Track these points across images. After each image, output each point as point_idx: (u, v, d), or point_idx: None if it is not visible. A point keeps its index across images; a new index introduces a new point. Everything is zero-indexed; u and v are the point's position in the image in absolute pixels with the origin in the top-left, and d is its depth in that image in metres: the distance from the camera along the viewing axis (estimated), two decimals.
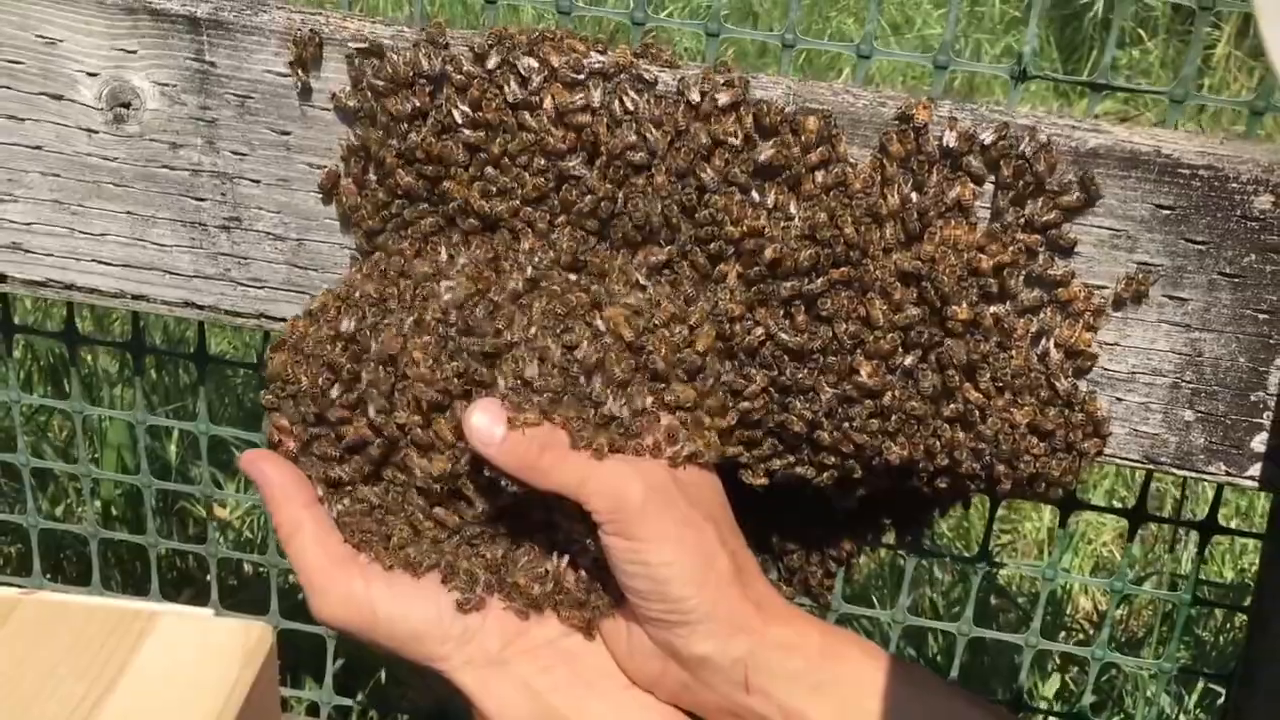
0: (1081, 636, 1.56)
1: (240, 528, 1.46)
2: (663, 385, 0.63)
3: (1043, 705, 1.33)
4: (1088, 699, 0.82)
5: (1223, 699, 1.23)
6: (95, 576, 0.87)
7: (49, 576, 0.90)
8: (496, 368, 0.62)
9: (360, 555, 0.64)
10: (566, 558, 0.65)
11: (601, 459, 0.60)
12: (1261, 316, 0.64)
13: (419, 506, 0.65)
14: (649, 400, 0.62)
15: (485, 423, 0.60)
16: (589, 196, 0.64)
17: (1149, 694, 1.26)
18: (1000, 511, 1.74)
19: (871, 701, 0.61)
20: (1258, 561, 0.71)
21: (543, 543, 0.65)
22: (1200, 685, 1.39)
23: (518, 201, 0.65)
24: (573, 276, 0.65)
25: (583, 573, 0.65)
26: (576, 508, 0.61)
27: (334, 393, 0.64)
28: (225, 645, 0.46)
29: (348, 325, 0.64)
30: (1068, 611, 1.60)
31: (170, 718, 0.44)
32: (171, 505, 1.41)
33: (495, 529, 0.65)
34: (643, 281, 0.65)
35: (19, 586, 0.87)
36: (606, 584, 0.64)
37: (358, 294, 0.65)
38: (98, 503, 1.35)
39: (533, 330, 0.62)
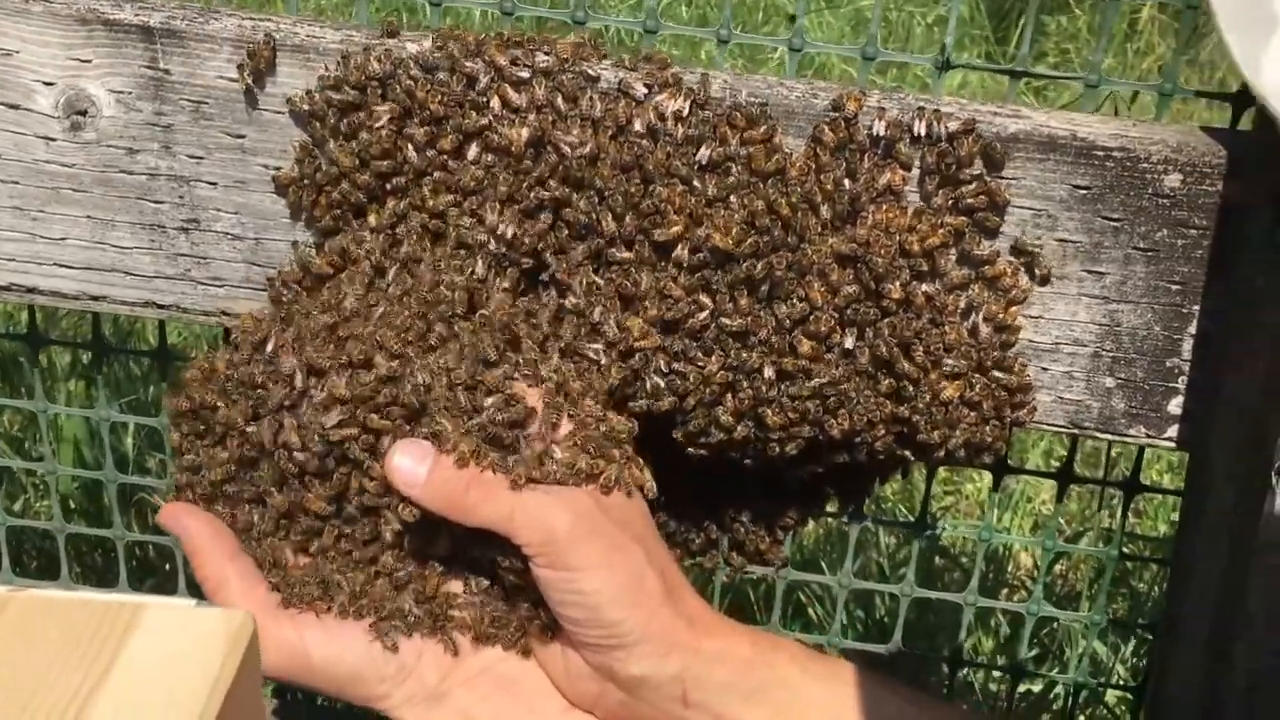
0: (1023, 593, 1.61)
1: None
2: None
3: (984, 660, 1.38)
4: (1025, 653, 0.86)
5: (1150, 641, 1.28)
6: (64, 570, 0.89)
7: (13, 571, 0.92)
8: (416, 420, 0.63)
9: (287, 605, 0.65)
10: (498, 587, 0.66)
11: (525, 490, 0.61)
12: (1174, 287, 0.68)
13: (344, 549, 0.67)
14: (566, 429, 0.64)
15: (409, 464, 0.61)
16: (537, 189, 0.67)
17: (1084, 646, 1.31)
18: (942, 474, 1.79)
19: (800, 705, 0.64)
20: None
21: (470, 574, 0.67)
22: (1136, 636, 1.44)
23: (461, 195, 0.67)
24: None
25: (515, 600, 0.66)
26: (504, 539, 0.61)
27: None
28: (209, 633, 0.49)
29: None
30: (1009, 569, 1.65)
31: (161, 705, 0.46)
32: (131, 497, 1.43)
33: (422, 565, 0.66)
34: (549, 352, 0.67)
35: None
36: (539, 609, 0.65)
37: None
38: (57, 496, 1.36)
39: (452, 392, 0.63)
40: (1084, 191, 0.67)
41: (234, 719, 0.49)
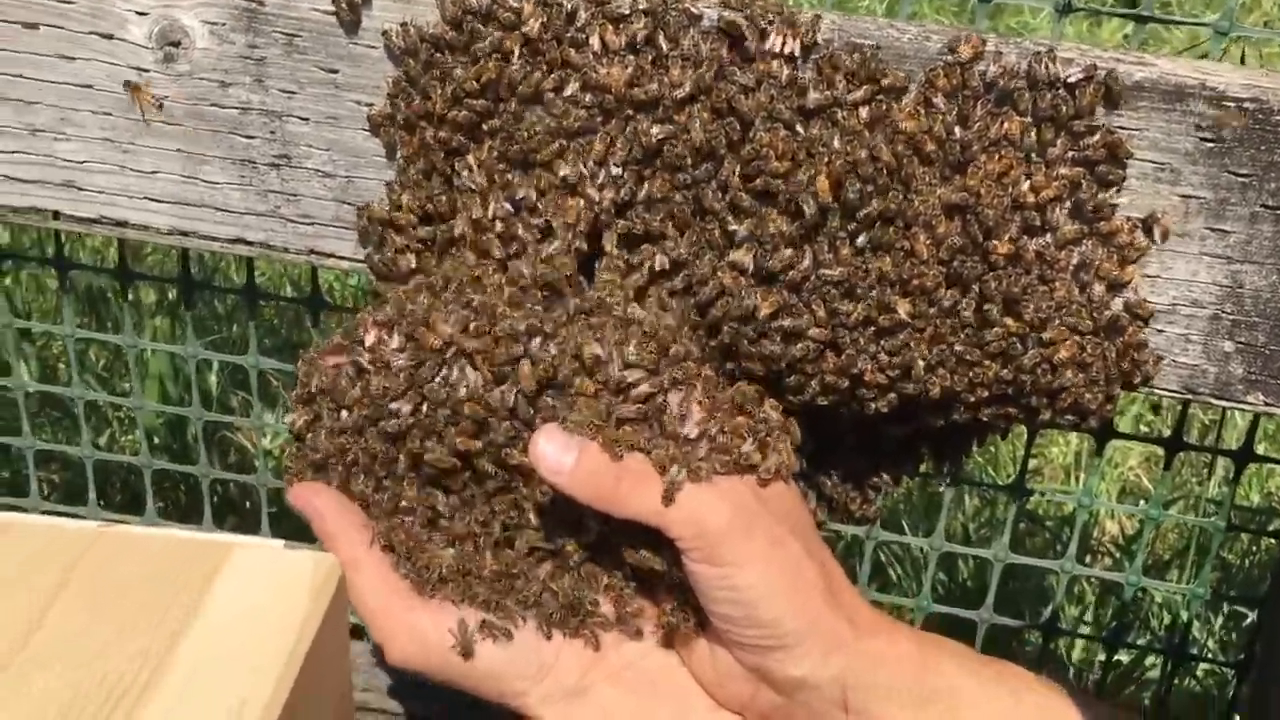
0: (1109, 560, 1.57)
1: (281, 457, 1.48)
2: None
3: (1073, 629, 1.35)
4: (1121, 623, 0.84)
5: (1250, 620, 1.25)
6: (149, 506, 0.89)
7: (98, 505, 0.92)
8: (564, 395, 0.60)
9: (423, 592, 0.62)
10: (642, 581, 0.63)
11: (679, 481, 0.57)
12: None
13: (481, 539, 0.64)
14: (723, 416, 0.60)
15: (554, 451, 0.57)
16: (635, 131, 0.65)
17: (1181, 617, 1.28)
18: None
19: (969, 710, 0.60)
20: None
21: (613, 566, 0.64)
22: (1226, 608, 1.41)
23: (563, 137, 0.65)
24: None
25: (661, 595, 0.63)
26: (653, 531, 0.58)
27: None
28: (297, 576, 0.48)
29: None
30: (1094, 535, 1.62)
31: (248, 648, 0.46)
32: (213, 434, 1.44)
33: (562, 558, 0.64)
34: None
35: (80, 517, 0.89)
36: (687, 604, 0.62)
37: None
38: (142, 431, 1.37)
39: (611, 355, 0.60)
40: (1211, 145, 0.63)
41: (320, 661, 0.49)
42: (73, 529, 0.50)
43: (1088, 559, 1.55)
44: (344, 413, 0.65)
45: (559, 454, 0.57)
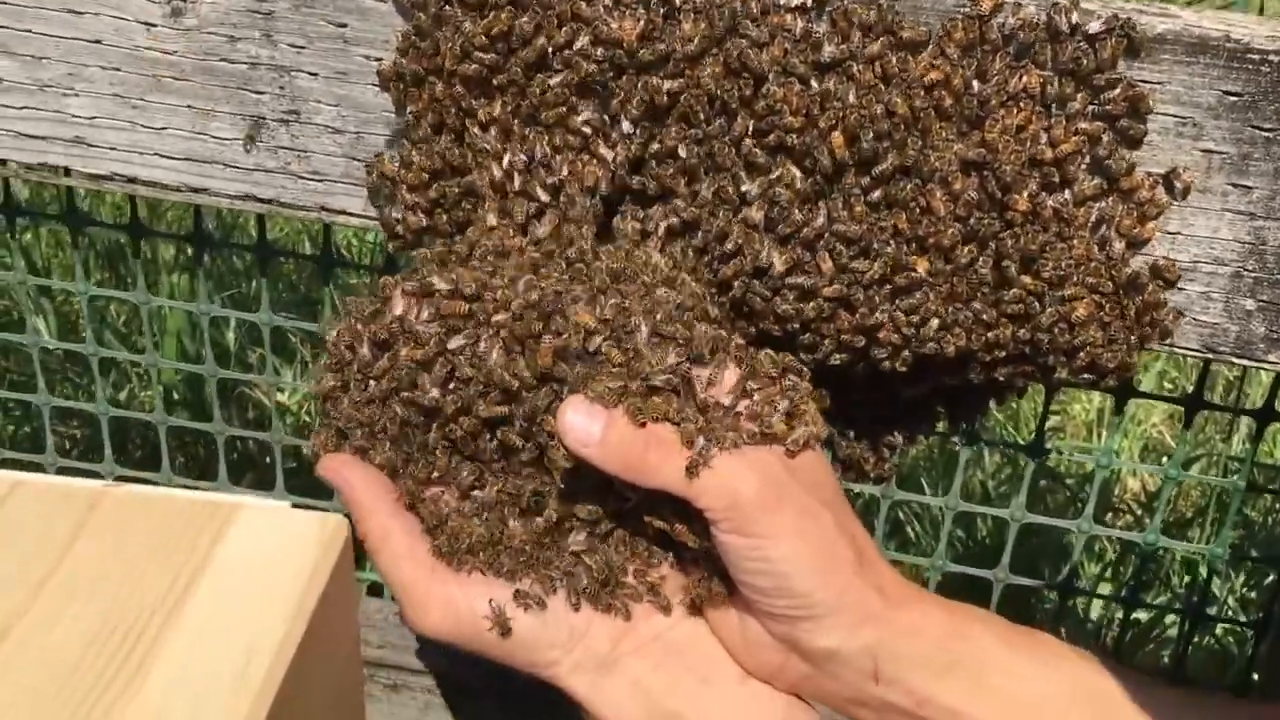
0: (1129, 517, 1.57)
1: (299, 412, 1.49)
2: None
3: (1091, 587, 1.35)
4: (1137, 583, 0.83)
5: (1271, 579, 1.24)
6: (165, 463, 0.89)
7: (116, 460, 0.92)
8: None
9: (453, 563, 0.61)
10: (671, 550, 0.63)
11: (709, 451, 0.56)
12: None
13: (510, 510, 0.64)
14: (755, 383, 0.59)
15: (581, 421, 0.56)
16: (646, 86, 0.64)
17: (1201, 575, 1.27)
18: None
19: (1000, 679, 0.59)
20: None
21: (641, 536, 0.63)
22: (1249, 565, 1.40)
23: (571, 91, 0.65)
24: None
25: (691, 564, 0.62)
26: (682, 502, 0.57)
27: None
28: (303, 536, 0.48)
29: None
30: (1115, 492, 1.61)
31: (254, 606, 0.46)
32: (231, 390, 1.44)
33: (590, 528, 0.63)
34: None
35: (97, 475, 0.90)
36: (715, 575, 0.61)
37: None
38: (160, 388, 1.37)
39: (634, 320, 0.59)
40: (1235, 98, 0.62)
41: (327, 617, 0.49)
42: (81, 488, 0.50)
43: (1109, 516, 1.54)
44: (372, 383, 0.64)
45: (587, 425, 0.56)
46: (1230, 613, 1.33)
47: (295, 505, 0.50)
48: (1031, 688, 0.59)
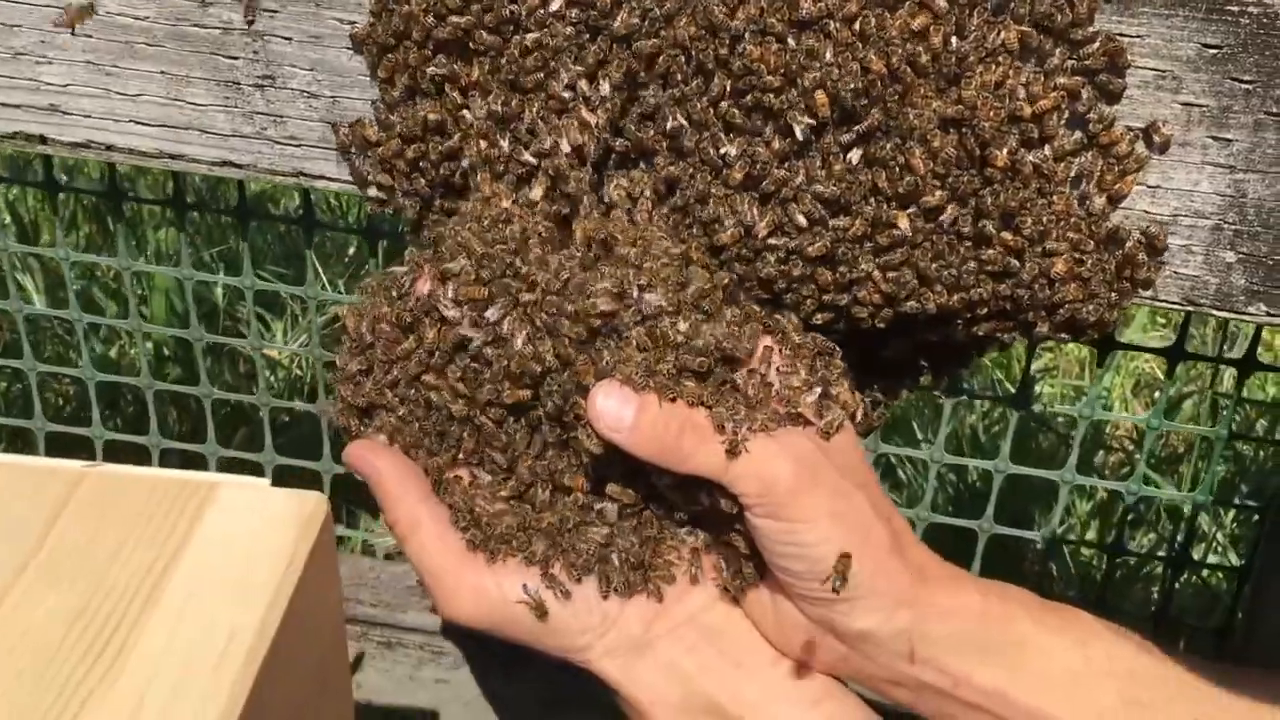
0: (1121, 455, 1.57)
1: (290, 366, 1.49)
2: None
3: (1079, 537, 1.36)
4: (1123, 531, 0.84)
5: (1258, 519, 1.25)
6: (153, 425, 0.90)
7: (106, 415, 0.93)
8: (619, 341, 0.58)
9: (482, 549, 0.61)
10: (703, 532, 0.63)
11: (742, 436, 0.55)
12: None
13: (538, 495, 0.63)
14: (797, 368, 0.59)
15: (613, 406, 0.55)
16: (624, 50, 0.63)
17: (1185, 514, 1.28)
18: None
19: (1035, 658, 0.60)
20: None
21: (672, 518, 0.63)
22: (1237, 502, 1.41)
23: (550, 55, 0.64)
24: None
25: (723, 546, 0.62)
26: (711, 485, 0.57)
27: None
28: (282, 514, 0.48)
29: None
30: (1108, 430, 1.61)
31: (235, 585, 0.46)
32: (221, 346, 1.44)
33: (621, 510, 0.63)
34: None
35: (86, 440, 0.90)
36: (746, 556, 0.61)
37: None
38: (149, 345, 1.38)
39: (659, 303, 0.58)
40: (1214, 51, 0.61)
41: (308, 593, 0.49)
42: (63, 469, 0.50)
43: (1101, 454, 1.54)
44: (396, 366, 0.64)
45: (618, 410, 0.55)
46: (1220, 549, 1.34)
47: (283, 465, 0.50)
48: (1064, 665, 0.60)
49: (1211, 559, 1.29)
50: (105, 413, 0.93)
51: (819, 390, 0.59)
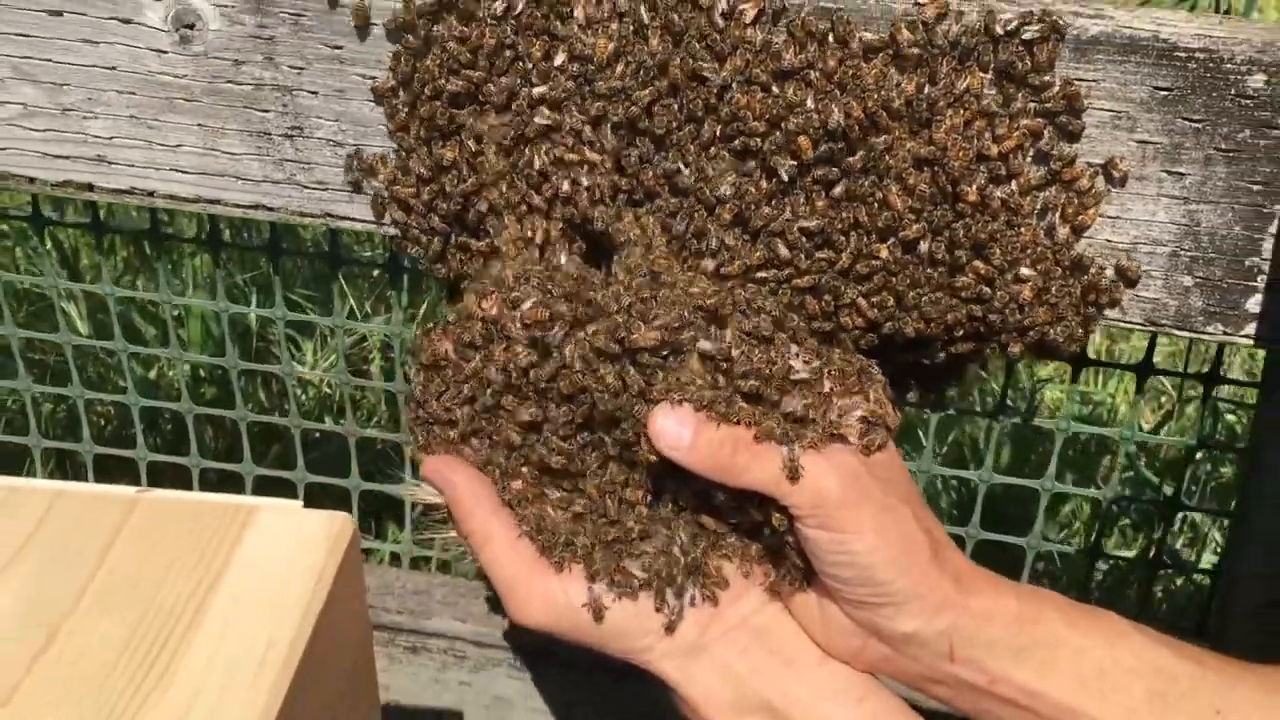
0: (1124, 461, 1.61)
1: (320, 384, 1.55)
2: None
3: (1063, 542, 1.40)
4: (1103, 541, 0.88)
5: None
6: (193, 448, 0.96)
7: (146, 432, 0.98)
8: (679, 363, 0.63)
9: (549, 558, 0.66)
10: (755, 545, 0.67)
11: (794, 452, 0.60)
12: (1255, 188, 0.67)
13: (604, 510, 0.68)
14: (829, 387, 0.64)
15: (672, 426, 0.60)
16: (621, 99, 0.69)
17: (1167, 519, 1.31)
18: None
19: (1068, 659, 0.63)
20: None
21: (724, 525, 0.68)
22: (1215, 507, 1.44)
23: (553, 107, 0.70)
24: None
25: (772, 552, 0.67)
26: (761, 498, 0.61)
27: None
28: (313, 535, 0.54)
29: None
30: (1108, 419, 1.65)
31: (270, 603, 0.51)
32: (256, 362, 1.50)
33: (678, 518, 0.68)
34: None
35: (130, 462, 0.96)
36: (794, 563, 0.66)
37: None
38: (186, 368, 1.44)
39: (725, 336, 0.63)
40: (1165, 93, 0.66)
41: (338, 607, 0.54)
42: (116, 495, 0.56)
43: (1095, 447, 1.58)
44: (465, 385, 0.69)
45: (677, 429, 0.61)
46: (1219, 550, 1.38)
47: (313, 483, 0.56)
48: (1095, 664, 0.64)
49: (1205, 563, 1.33)
50: (145, 430, 0.99)
51: (860, 410, 0.64)
